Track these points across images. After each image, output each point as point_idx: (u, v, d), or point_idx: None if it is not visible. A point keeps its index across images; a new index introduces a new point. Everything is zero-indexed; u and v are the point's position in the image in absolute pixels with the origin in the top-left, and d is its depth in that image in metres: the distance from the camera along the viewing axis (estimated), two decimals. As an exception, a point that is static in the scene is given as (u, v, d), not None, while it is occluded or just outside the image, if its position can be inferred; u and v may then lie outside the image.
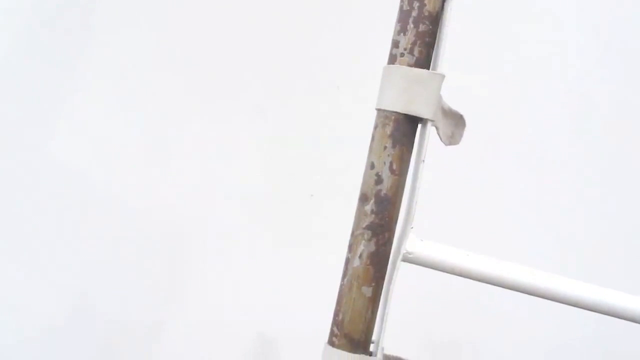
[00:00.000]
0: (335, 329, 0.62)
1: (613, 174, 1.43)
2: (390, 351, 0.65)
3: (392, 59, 0.62)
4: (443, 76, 0.62)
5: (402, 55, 0.62)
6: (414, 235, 0.64)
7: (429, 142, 0.63)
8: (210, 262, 1.44)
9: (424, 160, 0.63)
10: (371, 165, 0.62)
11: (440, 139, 0.65)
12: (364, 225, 0.62)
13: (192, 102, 1.39)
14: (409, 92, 0.61)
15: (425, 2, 0.62)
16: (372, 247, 0.61)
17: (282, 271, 1.44)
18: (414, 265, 0.65)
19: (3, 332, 1.42)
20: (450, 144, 0.66)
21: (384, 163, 0.61)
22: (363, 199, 0.62)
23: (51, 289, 1.42)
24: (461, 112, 0.66)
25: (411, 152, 0.63)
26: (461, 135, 0.66)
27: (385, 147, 0.61)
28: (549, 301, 0.69)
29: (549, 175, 1.43)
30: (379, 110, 0.63)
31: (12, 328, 1.42)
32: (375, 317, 0.63)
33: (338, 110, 1.37)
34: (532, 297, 0.68)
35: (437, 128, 0.64)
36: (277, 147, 1.40)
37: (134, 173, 1.41)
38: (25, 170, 1.38)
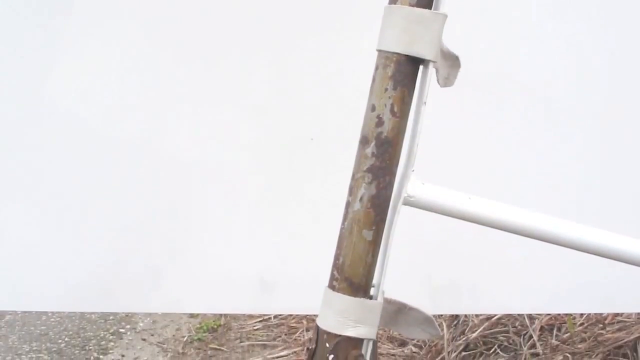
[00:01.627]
0: (335, 272, 0.62)
1: (616, 116, 1.42)
2: (391, 295, 0.65)
3: (394, -1, 0.61)
4: (445, 16, 0.60)
5: (403, -6, 0.60)
6: (415, 178, 0.64)
7: (431, 84, 0.62)
8: (211, 206, 1.44)
9: (425, 103, 0.62)
10: (372, 108, 0.61)
11: (437, 81, 0.64)
12: (364, 168, 0.61)
13: (193, 47, 1.37)
14: (410, 33, 0.60)
15: (428, -62, 0.60)
16: (373, 190, 0.61)
17: (282, 215, 1.44)
18: (415, 209, 0.64)
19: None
20: (445, 85, 0.65)
21: (385, 105, 0.60)
22: (364, 141, 0.61)
23: (49, 232, 1.42)
24: (457, 53, 0.64)
25: (412, 94, 0.62)
26: (455, 77, 0.65)
27: (386, 89, 0.60)
28: (550, 244, 0.69)
29: (552, 118, 1.42)
30: (379, 51, 0.61)
31: (14, 267, 1.43)
32: (376, 261, 0.62)
33: (338, 52, 1.35)
34: (533, 240, 0.68)
35: (437, 70, 0.63)
36: (277, 91, 1.39)
37: (136, 117, 1.40)
38: (27, 115, 1.37)
